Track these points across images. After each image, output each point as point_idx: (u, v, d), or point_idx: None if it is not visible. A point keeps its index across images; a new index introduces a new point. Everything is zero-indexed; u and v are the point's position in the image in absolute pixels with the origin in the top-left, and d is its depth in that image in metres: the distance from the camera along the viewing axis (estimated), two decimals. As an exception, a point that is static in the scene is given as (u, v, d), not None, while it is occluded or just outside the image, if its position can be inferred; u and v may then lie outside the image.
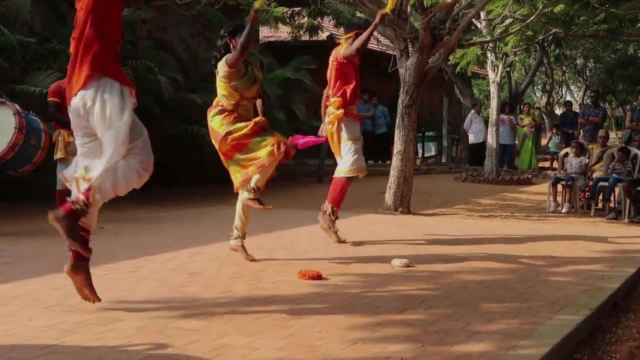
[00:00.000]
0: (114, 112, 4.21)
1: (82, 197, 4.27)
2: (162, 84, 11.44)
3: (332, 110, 7.13)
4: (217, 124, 5.90)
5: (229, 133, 5.82)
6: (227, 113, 5.91)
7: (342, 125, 7.08)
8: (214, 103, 6.03)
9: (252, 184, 5.90)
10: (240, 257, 6.15)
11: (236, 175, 5.95)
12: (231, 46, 5.88)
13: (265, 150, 5.78)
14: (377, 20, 7.06)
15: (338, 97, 7.09)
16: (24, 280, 5.25)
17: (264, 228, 7.75)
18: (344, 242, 7.11)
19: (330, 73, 7.19)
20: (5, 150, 7.05)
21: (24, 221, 8.95)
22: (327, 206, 7.09)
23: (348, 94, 7.10)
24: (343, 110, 7.05)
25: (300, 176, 14.73)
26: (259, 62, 6.08)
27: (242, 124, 5.85)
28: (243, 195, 6.02)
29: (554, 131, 20.77)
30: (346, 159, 7.10)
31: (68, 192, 8.41)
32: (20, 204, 10.20)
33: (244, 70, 5.90)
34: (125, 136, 4.19)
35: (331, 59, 7.19)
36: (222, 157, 6.01)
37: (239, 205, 6.15)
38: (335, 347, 3.77)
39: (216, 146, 5.96)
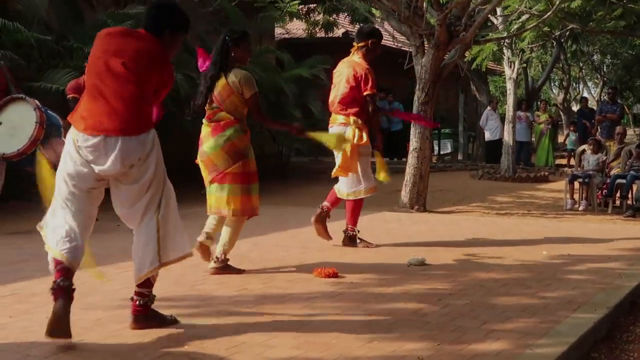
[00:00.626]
0: (164, 168, 4.07)
1: (142, 290, 4.07)
2: (178, 81, 11.46)
3: (341, 119, 6.80)
4: (245, 142, 5.47)
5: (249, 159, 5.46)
6: (248, 130, 5.52)
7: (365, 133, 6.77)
8: (223, 117, 5.46)
9: (219, 251, 5.52)
10: (256, 255, 6.16)
11: (213, 201, 5.51)
12: (232, 53, 5.48)
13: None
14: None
15: (355, 108, 6.76)
16: (42, 278, 5.27)
17: (280, 226, 7.75)
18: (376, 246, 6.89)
19: (345, 77, 6.81)
20: (27, 145, 7.07)
21: (41, 219, 8.99)
22: (352, 229, 6.88)
23: (362, 104, 6.79)
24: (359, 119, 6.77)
25: (315, 173, 14.73)
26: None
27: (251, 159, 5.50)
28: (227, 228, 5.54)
29: (571, 128, 20.65)
30: (365, 178, 6.79)
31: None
32: (37, 201, 10.26)
33: None
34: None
35: (349, 67, 6.83)
36: (209, 177, 5.52)
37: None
38: (351, 345, 3.77)
39: (228, 162, 5.41)
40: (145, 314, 4.05)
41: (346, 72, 6.85)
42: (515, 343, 3.84)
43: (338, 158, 6.77)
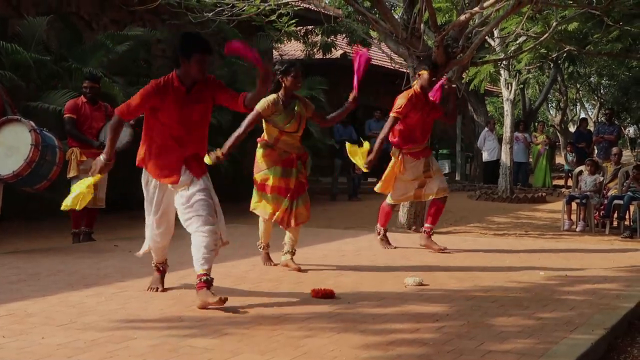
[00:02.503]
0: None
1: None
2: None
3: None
4: (258, 157, 6.38)
5: (259, 176, 6.41)
6: (268, 150, 6.33)
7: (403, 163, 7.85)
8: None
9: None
10: (254, 275, 6.18)
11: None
12: (282, 84, 6.21)
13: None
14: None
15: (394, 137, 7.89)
16: (38, 298, 5.27)
17: (277, 246, 7.73)
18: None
19: None
20: (22, 167, 7.10)
21: (39, 238, 9.00)
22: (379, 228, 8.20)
23: (403, 134, 7.77)
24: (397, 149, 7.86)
25: (313, 194, 14.73)
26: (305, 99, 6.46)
27: (270, 175, 6.34)
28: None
29: (569, 149, 20.73)
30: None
31: (83, 210, 8.48)
32: (35, 221, 10.26)
33: (281, 106, 6.20)
34: None
35: None
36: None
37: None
38: (348, 366, 3.75)
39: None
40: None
41: None
42: (513, 364, 3.83)
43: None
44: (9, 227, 9.59)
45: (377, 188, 8.05)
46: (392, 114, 7.68)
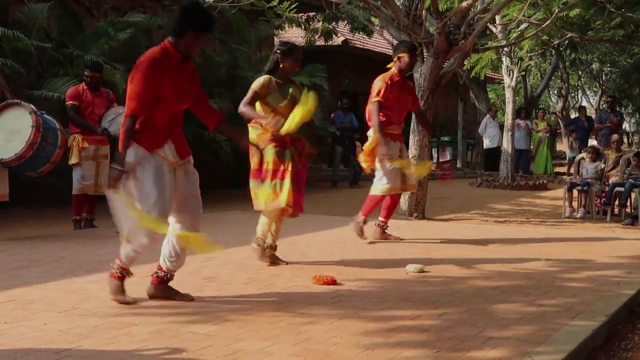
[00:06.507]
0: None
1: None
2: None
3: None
4: (251, 140, 5.91)
5: (254, 162, 6.00)
6: (261, 131, 5.97)
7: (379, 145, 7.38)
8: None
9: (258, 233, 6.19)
10: (255, 262, 6.18)
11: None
12: (281, 65, 6.02)
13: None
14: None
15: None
16: (40, 284, 5.28)
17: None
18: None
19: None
20: (24, 149, 7.08)
21: (41, 225, 9.00)
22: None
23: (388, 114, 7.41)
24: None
25: (314, 181, 14.74)
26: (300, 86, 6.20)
27: (272, 157, 5.92)
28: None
29: (574, 136, 20.68)
30: (379, 178, 7.54)
31: (84, 197, 8.47)
32: (37, 208, 10.26)
33: (275, 86, 5.97)
34: None
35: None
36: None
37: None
38: (350, 352, 3.76)
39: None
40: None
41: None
42: (514, 350, 3.83)
43: None
44: (11, 213, 9.59)
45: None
46: (374, 100, 7.29)
